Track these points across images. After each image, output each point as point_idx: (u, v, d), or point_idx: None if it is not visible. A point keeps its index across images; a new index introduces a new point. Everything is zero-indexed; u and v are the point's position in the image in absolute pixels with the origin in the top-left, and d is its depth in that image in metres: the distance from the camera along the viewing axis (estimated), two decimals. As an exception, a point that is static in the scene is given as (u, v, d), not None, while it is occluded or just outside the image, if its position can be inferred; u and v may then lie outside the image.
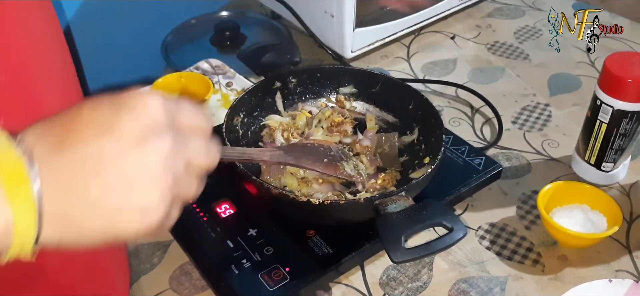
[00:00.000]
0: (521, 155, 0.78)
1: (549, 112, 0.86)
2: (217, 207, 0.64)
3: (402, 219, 0.53)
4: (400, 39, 1.02)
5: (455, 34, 1.05)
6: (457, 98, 0.89)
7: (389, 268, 0.63)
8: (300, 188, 0.65)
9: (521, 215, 0.70)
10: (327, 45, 0.95)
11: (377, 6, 0.96)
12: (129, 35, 1.07)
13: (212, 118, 0.39)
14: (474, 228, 0.68)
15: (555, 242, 0.66)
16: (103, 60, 1.02)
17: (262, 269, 0.58)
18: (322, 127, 0.73)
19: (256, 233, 0.61)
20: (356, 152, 0.70)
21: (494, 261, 0.64)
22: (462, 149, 0.72)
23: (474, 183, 0.68)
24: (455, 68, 0.96)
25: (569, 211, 0.66)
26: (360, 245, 0.60)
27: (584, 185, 0.68)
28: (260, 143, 0.73)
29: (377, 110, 0.77)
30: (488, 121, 0.84)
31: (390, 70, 0.95)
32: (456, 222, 0.53)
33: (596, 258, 0.64)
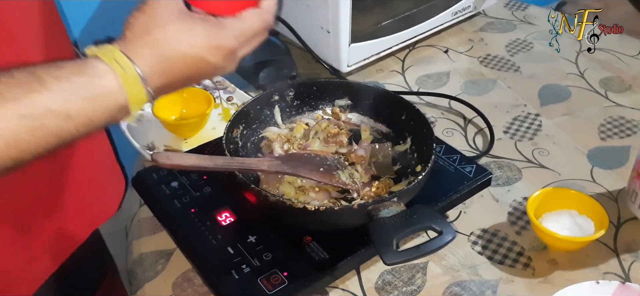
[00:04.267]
0: (512, 163, 0.81)
1: (539, 121, 0.89)
2: (217, 216, 0.66)
3: (394, 223, 0.55)
4: (395, 53, 1.05)
5: (448, 48, 1.08)
6: (450, 110, 0.92)
7: (384, 272, 0.65)
8: (297, 197, 0.68)
9: (512, 221, 0.72)
10: (324, 60, 0.98)
11: (372, 22, 0.99)
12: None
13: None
14: (467, 233, 0.70)
15: (545, 246, 0.68)
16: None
17: (261, 274, 0.60)
18: (319, 138, 0.76)
19: (255, 240, 0.64)
20: (351, 161, 0.73)
21: (485, 266, 0.66)
22: (453, 158, 0.74)
23: (465, 190, 0.70)
24: (448, 80, 0.99)
25: (558, 216, 0.68)
26: (356, 250, 0.62)
27: (572, 191, 0.71)
28: (259, 154, 0.75)
29: (371, 121, 0.80)
30: (480, 131, 0.87)
31: (386, 84, 0.98)
32: (445, 225, 0.55)
33: (585, 261, 0.66)
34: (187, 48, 0.50)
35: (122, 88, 0.48)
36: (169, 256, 0.68)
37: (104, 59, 0.48)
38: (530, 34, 1.11)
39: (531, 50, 1.06)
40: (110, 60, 0.48)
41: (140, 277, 0.67)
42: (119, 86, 0.47)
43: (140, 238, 0.71)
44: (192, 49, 0.51)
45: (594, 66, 1.00)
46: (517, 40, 1.09)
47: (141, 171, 0.74)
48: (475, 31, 1.13)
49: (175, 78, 0.51)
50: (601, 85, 0.96)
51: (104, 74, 0.47)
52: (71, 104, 0.45)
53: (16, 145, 0.44)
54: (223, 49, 0.52)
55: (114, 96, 0.47)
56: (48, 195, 0.65)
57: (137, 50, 0.49)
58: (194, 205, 0.68)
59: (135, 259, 0.69)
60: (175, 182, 0.71)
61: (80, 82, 0.46)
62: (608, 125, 0.87)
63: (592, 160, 0.81)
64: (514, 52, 1.06)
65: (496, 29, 1.13)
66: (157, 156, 0.54)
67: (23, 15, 0.58)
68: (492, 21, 1.16)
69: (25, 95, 0.44)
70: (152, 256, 0.68)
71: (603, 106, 0.91)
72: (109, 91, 0.47)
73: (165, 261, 0.68)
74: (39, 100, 0.44)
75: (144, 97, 0.49)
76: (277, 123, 0.79)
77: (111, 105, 0.48)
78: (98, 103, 0.47)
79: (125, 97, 0.48)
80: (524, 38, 1.10)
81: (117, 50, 0.49)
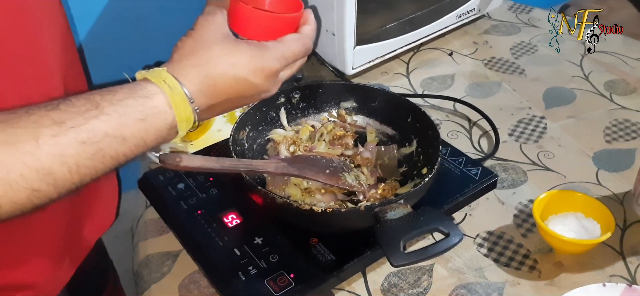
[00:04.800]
0: (518, 166, 0.81)
1: (544, 124, 0.89)
2: (224, 217, 0.67)
3: (400, 225, 0.55)
4: (399, 56, 1.05)
5: (453, 51, 1.08)
6: (455, 112, 0.92)
7: (390, 274, 0.65)
8: (303, 198, 0.68)
9: (518, 223, 0.72)
10: (329, 63, 0.98)
11: (377, 25, 0.99)
12: (137, 55, 1.11)
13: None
14: (473, 236, 0.70)
15: (551, 249, 0.68)
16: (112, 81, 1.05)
17: (268, 275, 0.60)
18: (325, 140, 0.76)
19: (262, 242, 0.64)
20: (357, 163, 0.73)
21: (492, 268, 0.66)
22: (459, 160, 0.74)
23: (470, 192, 0.70)
24: (453, 83, 0.99)
25: (564, 219, 0.68)
26: (362, 252, 0.63)
27: (578, 194, 0.70)
28: (265, 156, 0.76)
29: (377, 123, 0.80)
30: (485, 134, 0.87)
31: (391, 86, 0.98)
32: (452, 227, 0.55)
33: (591, 264, 0.66)
34: (230, 68, 0.53)
35: (170, 108, 0.50)
36: (175, 257, 0.68)
37: (153, 80, 0.50)
38: (535, 37, 1.11)
39: (536, 52, 1.07)
40: (158, 81, 0.50)
41: (147, 279, 0.67)
42: (168, 105, 0.50)
43: (147, 239, 0.72)
44: (235, 69, 0.53)
45: (598, 69, 1.00)
46: (521, 43, 1.09)
47: (148, 172, 0.74)
48: (480, 34, 1.13)
49: (220, 98, 0.54)
50: (606, 87, 0.96)
51: (154, 94, 0.49)
52: (126, 127, 0.47)
53: (78, 171, 0.46)
54: (265, 70, 0.55)
55: (164, 115, 0.50)
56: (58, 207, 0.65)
57: (183, 71, 0.52)
58: (201, 206, 0.68)
59: (142, 261, 0.69)
60: (181, 183, 0.71)
61: (133, 104, 0.48)
62: (613, 127, 0.87)
63: (597, 163, 0.81)
64: (518, 55, 1.06)
65: (501, 32, 1.13)
66: (165, 157, 0.54)
67: (49, 40, 0.60)
68: (496, 24, 1.16)
69: (85, 122, 0.46)
70: (158, 258, 0.69)
71: (608, 109, 0.91)
72: (159, 111, 0.49)
73: (172, 263, 0.68)
74: (98, 126, 0.46)
75: (191, 115, 0.52)
76: (283, 125, 0.79)
77: (161, 124, 0.50)
78: (150, 124, 0.49)
79: (174, 116, 0.50)
80: (529, 41, 1.10)
81: (164, 71, 0.51)
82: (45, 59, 0.59)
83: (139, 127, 0.48)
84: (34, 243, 0.62)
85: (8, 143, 0.43)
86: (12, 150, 0.43)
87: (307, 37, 0.59)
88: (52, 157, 0.44)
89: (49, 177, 0.44)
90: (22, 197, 0.44)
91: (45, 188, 0.45)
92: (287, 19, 0.59)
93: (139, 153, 0.50)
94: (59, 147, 0.44)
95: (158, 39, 1.12)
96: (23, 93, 0.55)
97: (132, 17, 1.15)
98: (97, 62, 1.04)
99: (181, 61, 0.53)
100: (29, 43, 0.56)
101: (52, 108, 0.46)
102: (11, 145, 0.43)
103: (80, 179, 0.46)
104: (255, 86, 0.55)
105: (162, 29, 1.05)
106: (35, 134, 0.44)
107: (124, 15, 1.14)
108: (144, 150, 0.50)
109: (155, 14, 1.16)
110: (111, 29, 1.15)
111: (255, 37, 0.57)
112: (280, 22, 0.59)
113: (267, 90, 0.57)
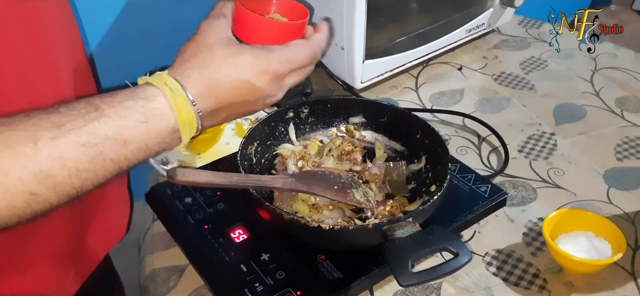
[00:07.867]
0: (527, 183, 0.80)
1: (554, 141, 0.88)
2: (231, 232, 0.66)
3: (409, 244, 0.55)
4: (408, 70, 1.05)
5: (462, 65, 1.07)
6: (464, 128, 0.91)
7: (397, 293, 0.65)
8: (311, 215, 0.68)
9: (527, 242, 0.71)
10: (338, 77, 0.98)
11: (386, 39, 0.99)
12: (147, 66, 1.12)
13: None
14: (481, 254, 0.69)
15: (561, 269, 0.67)
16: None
17: (274, 292, 0.59)
18: (333, 155, 0.76)
19: (269, 258, 0.63)
20: (365, 179, 0.73)
21: (500, 287, 0.65)
22: (468, 177, 0.74)
23: (480, 210, 0.69)
24: (462, 98, 0.98)
25: (574, 238, 0.67)
26: (370, 270, 0.62)
27: (588, 213, 0.70)
28: (273, 171, 0.75)
29: (385, 139, 0.79)
30: (495, 150, 0.86)
31: (399, 100, 0.98)
32: (461, 247, 0.54)
33: (602, 284, 0.65)
34: (233, 70, 0.52)
35: (172, 110, 0.49)
36: (182, 272, 0.68)
37: (154, 83, 0.50)
38: (545, 52, 1.10)
39: (546, 68, 1.06)
40: (160, 83, 0.50)
41: (153, 293, 0.66)
42: (169, 107, 0.49)
43: (153, 253, 0.71)
44: (238, 70, 0.52)
45: (609, 85, 1.00)
46: (531, 58, 1.09)
47: (155, 186, 0.74)
48: (490, 49, 1.12)
49: (223, 101, 0.53)
50: (617, 104, 0.95)
51: (155, 96, 0.49)
52: (127, 129, 0.47)
53: (78, 175, 0.45)
54: (269, 73, 0.53)
55: (165, 118, 0.49)
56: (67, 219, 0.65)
57: (185, 73, 0.51)
58: (208, 221, 0.68)
59: (148, 274, 0.69)
60: (189, 197, 0.71)
61: (134, 106, 0.48)
62: (624, 145, 0.86)
63: (608, 181, 0.80)
64: (528, 70, 1.05)
65: (510, 47, 1.13)
66: (172, 173, 0.54)
67: (59, 49, 0.60)
68: (506, 39, 1.16)
69: (85, 124, 0.45)
70: (164, 272, 0.68)
71: (619, 126, 0.91)
72: (161, 113, 0.49)
73: (178, 278, 0.68)
74: (98, 128, 0.46)
75: (193, 119, 0.51)
76: (291, 140, 0.79)
77: (163, 127, 0.49)
78: (151, 126, 0.48)
79: (176, 119, 0.50)
80: (539, 56, 1.09)
81: (166, 74, 0.51)
82: (56, 68, 0.59)
83: (140, 129, 0.48)
84: (39, 254, 0.62)
85: (6, 146, 0.43)
86: (11, 152, 0.42)
87: (314, 44, 0.58)
88: (51, 160, 0.43)
89: (48, 180, 0.44)
90: (20, 201, 0.43)
91: (45, 192, 0.44)
92: (292, 25, 0.58)
93: (142, 158, 0.49)
94: (58, 149, 0.44)
95: (167, 50, 1.13)
96: (34, 101, 0.55)
97: (141, 28, 1.16)
98: (107, 72, 1.04)
99: (183, 64, 0.52)
100: (39, 52, 0.56)
101: (52, 111, 0.45)
102: (9, 148, 0.43)
103: (81, 184, 0.46)
104: (259, 89, 0.54)
105: (171, 40, 1.05)
106: (34, 137, 0.43)
107: (133, 26, 1.15)
108: (146, 154, 0.49)
109: (165, 25, 1.17)
110: (121, 40, 1.16)
111: (259, 43, 0.56)
112: (286, 29, 0.58)
113: (272, 94, 0.55)
